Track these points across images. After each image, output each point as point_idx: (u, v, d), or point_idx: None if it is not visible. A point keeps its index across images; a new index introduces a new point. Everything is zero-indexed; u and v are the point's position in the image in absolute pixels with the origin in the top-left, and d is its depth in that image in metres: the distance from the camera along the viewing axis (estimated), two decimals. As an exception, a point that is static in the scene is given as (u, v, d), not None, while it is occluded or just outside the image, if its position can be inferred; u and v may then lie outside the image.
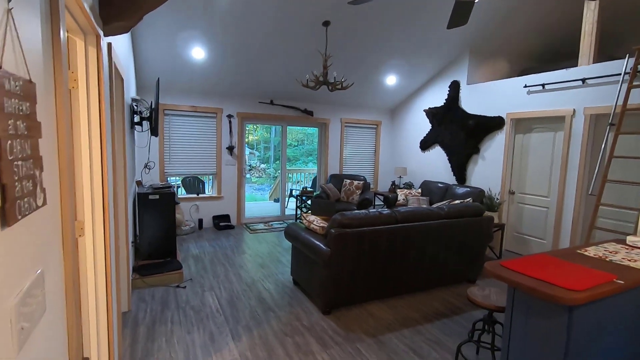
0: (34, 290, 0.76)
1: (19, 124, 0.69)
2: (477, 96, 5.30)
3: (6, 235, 0.64)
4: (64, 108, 0.99)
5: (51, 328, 0.89)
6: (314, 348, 2.48)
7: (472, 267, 3.66)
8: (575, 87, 4.06)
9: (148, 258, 3.89)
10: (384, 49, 5.02)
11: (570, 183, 4.14)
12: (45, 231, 0.86)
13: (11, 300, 0.66)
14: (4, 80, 0.62)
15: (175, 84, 5.22)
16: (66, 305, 1.03)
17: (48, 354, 0.86)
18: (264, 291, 3.40)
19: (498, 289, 2.34)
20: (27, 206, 0.71)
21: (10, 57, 0.67)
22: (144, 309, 2.97)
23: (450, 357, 2.42)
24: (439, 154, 6.00)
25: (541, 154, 4.51)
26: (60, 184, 0.99)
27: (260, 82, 5.50)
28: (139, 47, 4.29)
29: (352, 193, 6.10)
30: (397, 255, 3.14)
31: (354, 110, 6.91)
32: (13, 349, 0.66)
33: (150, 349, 2.41)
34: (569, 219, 4.15)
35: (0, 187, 0.62)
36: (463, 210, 3.49)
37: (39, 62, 0.85)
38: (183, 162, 5.62)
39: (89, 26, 1.50)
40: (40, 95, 0.84)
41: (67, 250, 1.02)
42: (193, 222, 5.64)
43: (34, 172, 0.76)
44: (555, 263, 1.82)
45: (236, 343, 2.51)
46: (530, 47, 5.44)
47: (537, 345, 1.63)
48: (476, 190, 4.85)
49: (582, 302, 1.45)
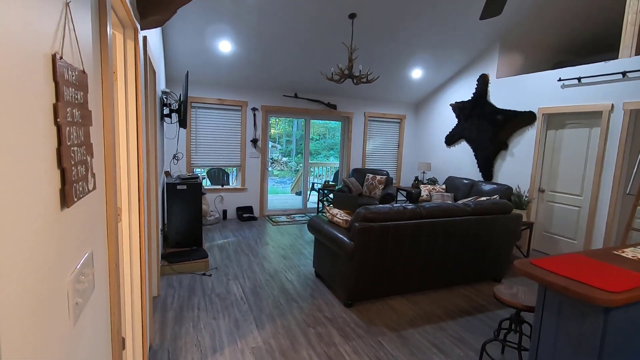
0: (86, 269, 0.81)
1: (75, 112, 0.73)
2: (506, 90, 5.13)
3: (65, 215, 0.69)
4: (109, 99, 1.04)
5: (98, 306, 0.95)
6: (336, 339, 2.51)
7: (498, 265, 3.57)
8: (615, 81, 3.85)
9: (175, 246, 4.02)
10: (410, 42, 4.93)
11: (605, 182, 3.96)
12: (94, 214, 0.91)
13: (68, 276, 0.71)
14: (64, 70, 0.66)
15: (202, 77, 5.33)
16: (109, 286, 1.09)
17: (96, 331, 0.92)
18: (287, 282, 3.46)
19: (526, 288, 2.28)
20: (81, 189, 0.76)
21: (67, 48, 0.71)
22: (172, 295, 3.08)
23: (474, 355, 2.39)
24: (465, 149, 5.87)
25: (574, 151, 4.33)
26: (105, 170, 1.04)
27: (285, 75, 5.53)
28: (169, 40, 4.40)
29: (374, 188, 6.07)
30: (421, 250, 3.11)
31: (378, 104, 6.84)
32: (70, 321, 0.70)
33: (179, 333, 2.50)
34: (603, 219, 3.97)
35: (60, 170, 0.66)
36: (490, 207, 3.41)
37: (89, 53, 0.89)
38: (209, 154, 5.75)
39: (128, 20, 1.55)
40: (91, 85, 0.89)
41: (111, 233, 1.07)
42: (218, 213, 5.78)
43: (86, 157, 0.80)
44: (589, 263, 1.76)
45: (260, 331, 2.58)
46: (566, 39, 5.20)
47: (569, 346, 1.59)
48: (503, 187, 4.72)
49: (620, 304, 1.39)
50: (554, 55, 5.43)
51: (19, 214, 0.51)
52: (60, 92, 0.64)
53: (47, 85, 0.61)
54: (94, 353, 0.90)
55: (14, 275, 0.49)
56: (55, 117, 0.64)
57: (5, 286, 0.47)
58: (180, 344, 2.37)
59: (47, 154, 0.61)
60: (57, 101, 0.64)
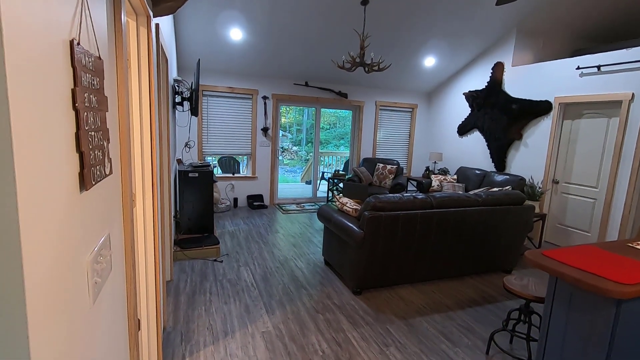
0: (104, 251, 0.84)
1: (92, 98, 0.74)
2: (522, 79, 5.01)
3: (83, 198, 0.71)
4: (124, 85, 1.06)
5: (115, 287, 0.98)
6: (344, 326, 2.54)
7: (509, 256, 3.55)
8: (637, 69, 3.72)
9: (187, 232, 4.10)
10: (423, 29, 4.83)
11: (623, 174, 3.86)
12: (111, 198, 0.94)
13: (87, 256, 0.73)
14: (81, 56, 0.67)
15: (213, 65, 5.33)
16: (125, 267, 1.13)
17: (113, 311, 0.96)
18: (296, 269, 3.50)
19: (537, 279, 2.27)
20: (98, 173, 0.78)
21: (84, 35, 0.72)
22: (185, 280, 3.16)
23: (482, 344, 2.40)
24: (478, 139, 5.77)
25: (591, 141, 4.22)
26: (120, 156, 1.07)
27: (296, 63, 5.49)
28: (180, 28, 4.40)
29: (384, 177, 6.05)
30: (430, 240, 3.10)
31: (390, 93, 6.76)
32: (89, 299, 0.73)
33: (191, 316, 2.57)
34: (619, 211, 3.89)
35: (79, 153, 0.68)
36: (502, 198, 3.37)
37: (104, 40, 0.90)
38: (220, 142, 5.79)
39: (141, 7, 1.56)
40: (106, 71, 0.90)
41: (127, 217, 1.10)
42: (228, 201, 5.85)
43: (103, 142, 0.82)
44: (602, 255, 1.74)
45: (270, 316, 2.63)
46: (585, 25, 5.02)
47: (579, 337, 1.58)
48: (516, 178, 4.65)
49: (633, 296, 1.38)
50: (573, 42, 5.26)
51: (42, 195, 0.53)
52: (78, 77, 0.66)
53: (65, 71, 0.63)
54: (111, 331, 0.94)
55: (39, 253, 0.52)
56: (73, 102, 0.66)
57: (31, 262, 0.49)
58: (193, 327, 2.44)
59: (67, 138, 0.63)
60: (75, 86, 0.66)
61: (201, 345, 2.25)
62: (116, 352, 0.99)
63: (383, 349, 2.30)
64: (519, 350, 2.36)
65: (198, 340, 2.29)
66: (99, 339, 0.81)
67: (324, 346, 2.30)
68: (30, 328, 0.48)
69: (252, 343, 2.29)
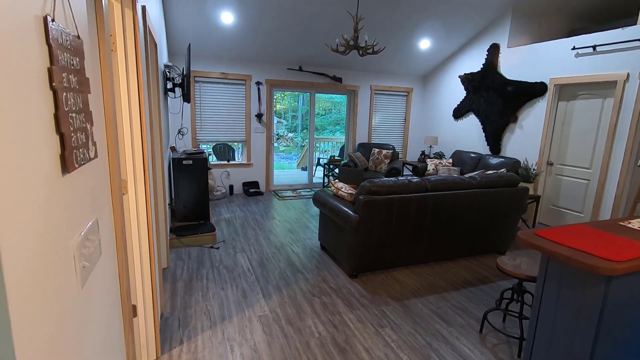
0: (91, 235, 0.83)
1: (72, 78, 0.72)
2: (518, 60, 4.96)
3: (66, 180, 0.70)
4: (108, 67, 1.03)
5: (106, 272, 0.98)
6: (340, 308, 2.58)
7: (503, 238, 3.59)
8: (632, 49, 3.69)
9: (183, 220, 4.10)
10: (418, 10, 4.74)
11: (616, 154, 3.88)
12: (98, 183, 0.92)
13: (74, 240, 0.72)
14: (57, 33, 0.65)
15: (205, 50, 5.23)
16: (117, 253, 1.12)
17: (105, 295, 0.96)
18: (293, 254, 3.52)
19: (529, 259, 2.29)
20: (82, 156, 0.76)
21: (60, 11, 0.70)
22: (182, 267, 3.17)
23: (475, 323, 2.45)
24: (473, 122, 5.76)
25: (586, 122, 4.22)
26: (107, 140, 1.05)
27: (289, 47, 5.40)
28: (169, 12, 4.29)
29: (380, 162, 6.04)
30: (425, 223, 3.12)
31: (385, 76, 6.69)
32: (77, 283, 0.73)
33: (188, 302, 2.59)
34: (612, 192, 3.92)
35: (59, 135, 0.66)
36: (496, 180, 3.38)
37: (84, 19, 0.87)
38: (214, 129, 5.73)
39: (124, -13, 1.51)
40: (87, 52, 0.87)
41: (116, 203, 1.09)
42: (224, 188, 5.83)
43: (86, 125, 0.80)
44: (594, 234, 1.75)
45: (267, 300, 2.65)
46: (581, 6, 4.95)
47: (569, 314, 1.61)
48: (511, 160, 4.66)
49: (622, 272, 1.40)
50: (569, 22, 5.20)
51: (21, 177, 0.52)
52: (55, 55, 0.64)
53: (40, 48, 0.61)
54: (104, 316, 0.94)
55: (19, 234, 0.51)
56: (50, 81, 0.63)
57: (9, 245, 0.48)
58: (191, 312, 2.46)
59: (45, 119, 0.61)
60: (52, 65, 0.63)
61: (199, 330, 2.28)
62: (110, 335, 0.99)
63: (379, 330, 2.34)
64: (511, 329, 2.41)
65: (196, 325, 2.31)
66: (89, 322, 0.81)
67: (320, 328, 2.33)
68: (11, 309, 0.48)
69: (250, 327, 2.32)
